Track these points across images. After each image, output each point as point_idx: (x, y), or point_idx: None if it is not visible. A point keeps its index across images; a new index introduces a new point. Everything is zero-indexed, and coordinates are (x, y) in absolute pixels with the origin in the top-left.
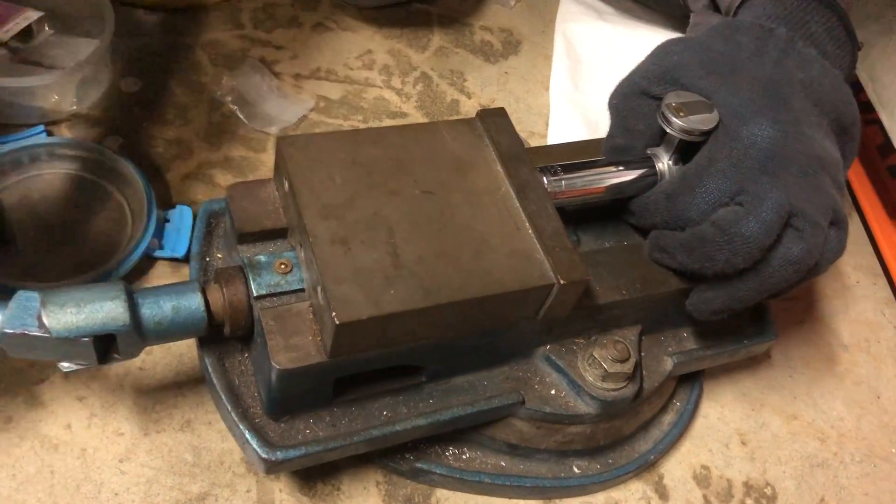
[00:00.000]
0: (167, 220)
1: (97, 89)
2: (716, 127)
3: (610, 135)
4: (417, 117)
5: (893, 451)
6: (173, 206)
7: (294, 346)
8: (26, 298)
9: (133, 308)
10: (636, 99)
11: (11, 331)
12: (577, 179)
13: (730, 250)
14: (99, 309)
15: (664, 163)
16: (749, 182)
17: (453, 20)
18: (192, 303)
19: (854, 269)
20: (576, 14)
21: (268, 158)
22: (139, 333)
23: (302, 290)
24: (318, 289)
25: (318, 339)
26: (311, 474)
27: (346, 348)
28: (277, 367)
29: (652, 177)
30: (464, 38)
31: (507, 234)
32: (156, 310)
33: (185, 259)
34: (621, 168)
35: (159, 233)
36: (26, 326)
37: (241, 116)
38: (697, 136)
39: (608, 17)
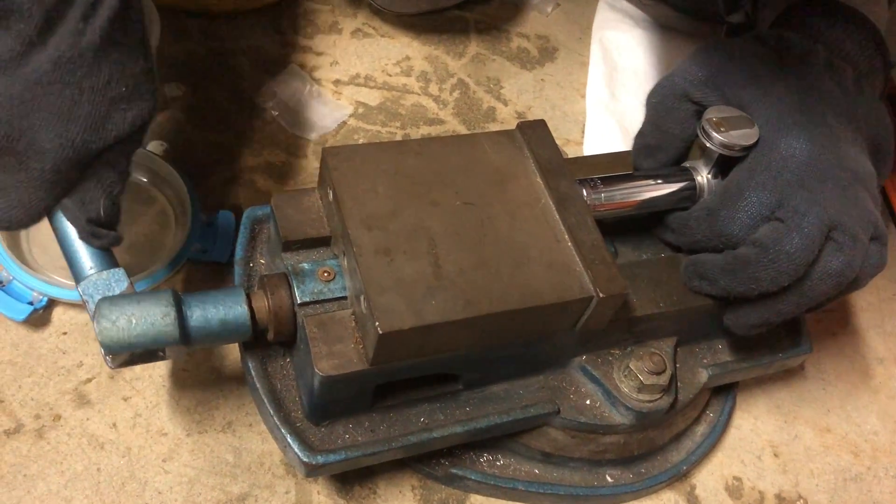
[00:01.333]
0: (210, 224)
1: None
2: (756, 142)
3: (642, 132)
4: (454, 124)
5: None
6: (216, 211)
7: (336, 354)
8: (116, 279)
9: (182, 322)
10: (675, 101)
11: (82, 292)
12: (616, 192)
13: (775, 269)
14: (150, 327)
15: (703, 176)
16: (788, 195)
17: (490, 27)
18: (238, 311)
19: (890, 281)
20: (612, 22)
21: (308, 164)
22: (186, 342)
23: (344, 298)
24: (361, 298)
25: (360, 346)
26: (349, 477)
27: (387, 356)
28: (320, 373)
29: (691, 190)
30: (500, 45)
31: (547, 246)
32: (203, 320)
33: (227, 262)
34: (660, 181)
35: (202, 236)
36: (91, 299)
37: (281, 122)
38: (738, 151)
39: (645, 24)
